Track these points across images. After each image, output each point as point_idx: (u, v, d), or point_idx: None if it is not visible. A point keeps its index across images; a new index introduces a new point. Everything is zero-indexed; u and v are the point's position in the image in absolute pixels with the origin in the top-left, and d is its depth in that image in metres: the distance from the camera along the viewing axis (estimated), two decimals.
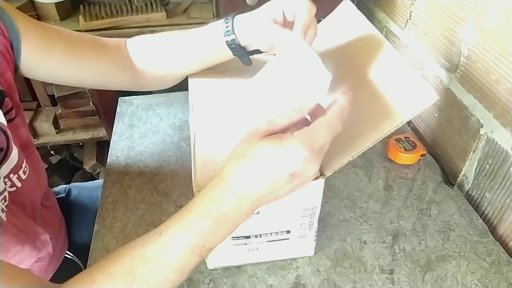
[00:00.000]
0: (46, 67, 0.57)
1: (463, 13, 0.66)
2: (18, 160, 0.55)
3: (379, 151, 0.78)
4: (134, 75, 0.64)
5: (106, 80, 0.63)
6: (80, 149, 1.58)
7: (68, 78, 0.60)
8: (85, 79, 0.61)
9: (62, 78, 0.60)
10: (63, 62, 0.57)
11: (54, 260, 0.68)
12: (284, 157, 0.37)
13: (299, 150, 0.37)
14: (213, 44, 0.58)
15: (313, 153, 0.37)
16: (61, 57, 0.57)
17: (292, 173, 0.37)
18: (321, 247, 0.60)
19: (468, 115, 0.68)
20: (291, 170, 0.37)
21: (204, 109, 0.57)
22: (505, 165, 0.61)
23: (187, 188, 0.70)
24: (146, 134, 0.83)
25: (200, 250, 0.39)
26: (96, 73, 0.61)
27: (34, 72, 0.57)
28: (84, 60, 0.59)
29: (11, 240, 0.55)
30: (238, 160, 0.39)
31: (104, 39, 0.63)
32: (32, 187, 0.60)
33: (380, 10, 1.00)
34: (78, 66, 0.59)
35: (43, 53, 0.55)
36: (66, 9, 1.27)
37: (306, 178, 0.39)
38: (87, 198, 0.81)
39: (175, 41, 0.62)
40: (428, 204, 0.68)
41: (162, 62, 0.63)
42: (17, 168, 0.55)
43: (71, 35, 0.59)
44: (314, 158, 0.38)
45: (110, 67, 0.62)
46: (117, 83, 0.64)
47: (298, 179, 0.38)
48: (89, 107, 1.37)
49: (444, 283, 0.56)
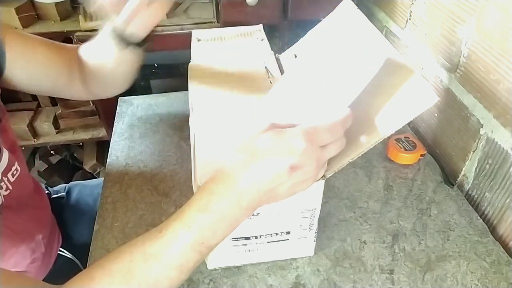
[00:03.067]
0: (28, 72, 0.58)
1: (463, 13, 0.66)
2: (9, 162, 0.55)
3: (379, 151, 0.78)
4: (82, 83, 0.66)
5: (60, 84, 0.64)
6: (80, 149, 1.58)
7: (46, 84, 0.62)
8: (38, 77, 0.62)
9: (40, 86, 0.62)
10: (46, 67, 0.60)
11: (46, 259, 0.68)
12: (284, 147, 0.37)
13: (299, 141, 0.37)
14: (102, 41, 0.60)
15: (312, 147, 0.38)
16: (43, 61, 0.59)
17: (292, 165, 0.37)
18: (321, 247, 0.60)
19: (468, 115, 0.68)
20: (290, 161, 0.37)
21: (204, 109, 0.57)
22: (505, 165, 0.61)
23: (187, 188, 0.70)
24: (146, 134, 0.83)
25: (199, 247, 0.39)
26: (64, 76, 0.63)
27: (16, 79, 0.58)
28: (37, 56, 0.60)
29: (6, 243, 0.55)
30: (240, 153, 0.39)
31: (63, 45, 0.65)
32: (23, 188, 0.60)
33: (380, 10, 1.00)
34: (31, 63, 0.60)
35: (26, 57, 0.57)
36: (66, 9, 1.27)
37: (305, 177, 0.39)
38: (88, 196, 0.81)
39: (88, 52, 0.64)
40: (428, 204, 0.68)
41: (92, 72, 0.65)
42: (7, 171, 0.55)
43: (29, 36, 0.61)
44: (314, 153, 0.38)
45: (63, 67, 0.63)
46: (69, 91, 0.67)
47: (298, 174, 0.38)
48: (89, 107, 1.38)
49: (444, 283, 0.56)
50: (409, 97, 0.44)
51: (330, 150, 0.40)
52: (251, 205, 0.39)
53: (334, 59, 0.45)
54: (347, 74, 0.43)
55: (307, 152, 0.37)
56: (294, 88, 0.47)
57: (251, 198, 0.38)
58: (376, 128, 0.44)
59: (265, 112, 0.49)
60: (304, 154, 0.37)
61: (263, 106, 0.50)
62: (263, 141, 0.38)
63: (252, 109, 0.55)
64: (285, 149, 0.37)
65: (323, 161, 0.40)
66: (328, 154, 0.40)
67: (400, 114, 0.43)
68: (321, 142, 0.39)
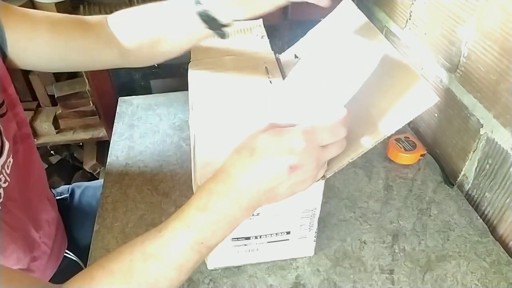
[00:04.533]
0: (34, 51, 0.56)
1: (463, 13, 0.66)
2: (7, 155, 0.55)
3: (379, 151, 0.78)
4: (120, 50, 0.62)
5: (94, 59, 0.62)
6: (80, 149, 1.58)
7: (57, 60, 0.59)
8: (73, 60, 0.60)
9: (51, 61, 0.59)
10: (50, 43, 0.56)
11: (52, 259, 0.68)
12: (284, 147, 0.37)
13: (299, 141, 0.37)
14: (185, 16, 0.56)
15: (312, 147, 0.37)
16: (47, 38, 0.56)
17: (291, 165, 0.37)
18: (321, 247, 0.60)
19: (468, 115, 0.68)
20: (290, 161, 0.37)
21: (204, 109, 0.57)
22: (505, 165, 0.61)
23: (187, 188, 0.70)
24: (146, 134, 0.83)
25: (199, 247, 0.39)
26: (83, 51, 0.60)
27: (23, 58, 0.56)
28: (70, 39, 0.58)
29: (6, 239, 0.55)
30: (239, 153, 0.39)
31: (87, 18, 0.62)
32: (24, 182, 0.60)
33: (380, 10, 1.00)
34: (65, 46, 0.58)
35: (28, 36, 0.55)
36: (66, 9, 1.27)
37: (305, 177, 0.39)
38: (91, 198, 0.81)
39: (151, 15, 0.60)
40: (428, 204, 0.68)
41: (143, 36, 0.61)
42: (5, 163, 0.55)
43: (55, 16, 0.59)
44: (314, 153, 0.38)
45: (97, 45, 0.60)
46: (106, 61, 0.63)
47: (297, 174, 0.38)
48: (89, 107, 1.37)
49: (444, 283, 0.56)
50: (409, 97, 0.44)
51: (330, 150, 0.40)
52: (251, 204, 0.39)
53: (332, 59, 0.45)
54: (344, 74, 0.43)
55: (307, 152, 0.37)
56: (294, 88, 0.47)
57: (250, 197, 0.38)
58: (376, 128, 0.44)
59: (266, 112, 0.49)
60: (304, 154, 0.37)
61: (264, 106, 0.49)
62: (262, 140, 0.38)
63: (252, 109, 0.55)
64: (284, 149, 0.37)
65: (323, 161, 0.40)
66: (328, 154, 0.40)
67: (400, 114, 0.43)
68: (321, 142, 0.39)
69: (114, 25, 0.62)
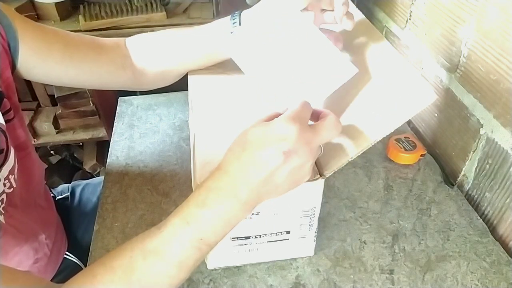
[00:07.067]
0: (44, 69, 0.57)
1: (463, 13, 0.66)
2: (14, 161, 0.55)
3: (379, 151, 0.78)
4: (134, 73, 0.63)
5: (106, 80, 0.63)
6: (80, 149, 1.58)
7: (67, 79, 0.60)
8: (84, 80, 0.61)
9: (60, 79, 0.60)
10: (62, 64, 0.57)
11: (52, 261, 0.68)
12: (273, 136, 0.38)
13: (286, 127, 0.38)
14: (218, 38, 0.58)
15: (301, 130, 0.38)
16: (60, 59, 0.57)
17: (285, 151, 0.37)
18: (321, 247, 0.60)
19: (468, 115, 0.68)
20: (283, 148, 0.37)
21: (204, 109, 0.57)
22: (505, 165, 0.61)
23: (187, 188, 0.70)
24: (146, 134, 0.83)
25: (198, 243, 0.39)
26: (95, 73, 0.61)
27: (32, 74, 0.57)
28: (82, 61, 0.59)
29: (10, 242, 0.55)
30: (233, 150, 0.40)
31: (102, 39, 0.62)
32: (27, 187, 0.60)
33: (380, 10, 1.00)
34: (77, 67, 0.59)
35: (41, 55, 0.55)
36: (66, 9, 1.27)
37: (301, 162, 0.39)
38: (92, 194, 0.81)
39: (178, 37, 0.62)
40: (428, 204, 0.68)
41: (163, 58, 0.63)
42: (13, 169, 0.55)
43: (69, 36, 0.59)
44: (304, 135, 0.38)
45: (109, 67, 0.61)
46: (117, 82, 0.64)
47: (293, 159, 0.38)
48: (89, 107, 1.38)
49: (444, 283, 0.56)
50: (408, 95, 0.44)
51: (320, 132, 0.40)
52: (250, 198, 0.39)
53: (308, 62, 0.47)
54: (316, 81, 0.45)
55: (296, 136, 0.38)
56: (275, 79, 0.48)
57: (249, 191, 0.39)
58: (375, 126, 0.44)
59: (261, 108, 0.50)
60: (294, 138, 0.38)
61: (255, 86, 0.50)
62: (252, 134, 0.39)
63: (252, 109, 0.56)
64: (274, 138, 0.38)
65: (315, 144, 0.40)
66: (319, 137, 0.40)
67: (399, 112, 0.43)
68: (304, 120, 0.39)
69: (133, 47, 0.63)
